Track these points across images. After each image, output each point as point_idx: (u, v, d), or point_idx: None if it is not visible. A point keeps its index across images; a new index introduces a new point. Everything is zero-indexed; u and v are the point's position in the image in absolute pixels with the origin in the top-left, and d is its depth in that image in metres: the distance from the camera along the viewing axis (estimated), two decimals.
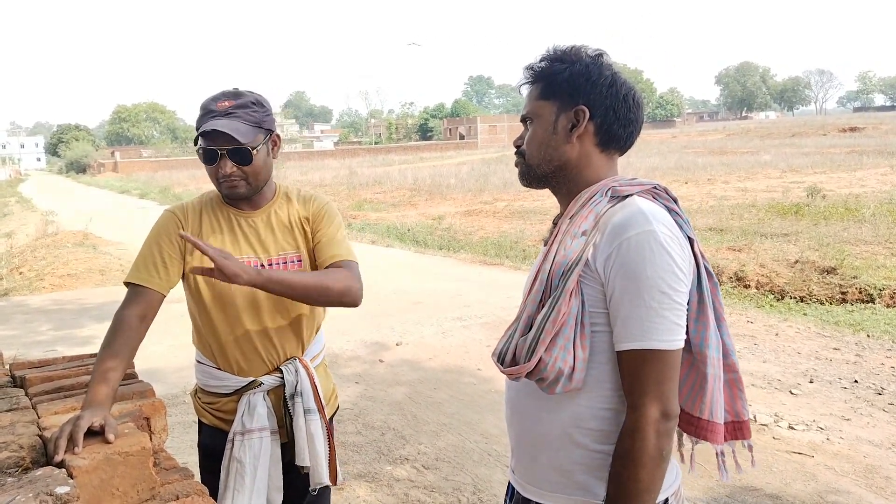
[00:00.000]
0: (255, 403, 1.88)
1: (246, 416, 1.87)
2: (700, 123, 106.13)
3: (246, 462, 1.84)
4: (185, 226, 1.89)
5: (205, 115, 1.82)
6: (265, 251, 1.90)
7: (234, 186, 1.84)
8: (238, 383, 1.90)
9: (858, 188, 15.27)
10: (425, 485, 3.56)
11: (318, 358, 2.04)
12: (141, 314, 1.74)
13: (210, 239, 1.88)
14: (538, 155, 1.42)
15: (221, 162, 1.81)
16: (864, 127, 46.03)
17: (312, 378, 1.93)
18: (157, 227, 1.90)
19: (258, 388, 1.90)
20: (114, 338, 1.66)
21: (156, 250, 1.84)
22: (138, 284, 1.78)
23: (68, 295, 8.81)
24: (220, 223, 1.91)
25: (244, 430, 1.86)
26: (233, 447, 1.86)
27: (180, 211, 1.93)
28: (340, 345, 6.08)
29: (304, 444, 1.88)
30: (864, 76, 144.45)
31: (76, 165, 68.07)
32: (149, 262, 1.82)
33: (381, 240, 12.73)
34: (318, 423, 1.90)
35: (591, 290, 1.30)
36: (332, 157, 57.75)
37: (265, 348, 1.91)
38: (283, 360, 1.93)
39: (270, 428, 1.89)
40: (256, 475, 1.84)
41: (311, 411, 1.90)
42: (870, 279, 7.46)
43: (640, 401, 1.25)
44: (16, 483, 1.13)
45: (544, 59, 1.43)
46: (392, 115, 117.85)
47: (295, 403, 1.90)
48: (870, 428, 4.08)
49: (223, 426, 1.93)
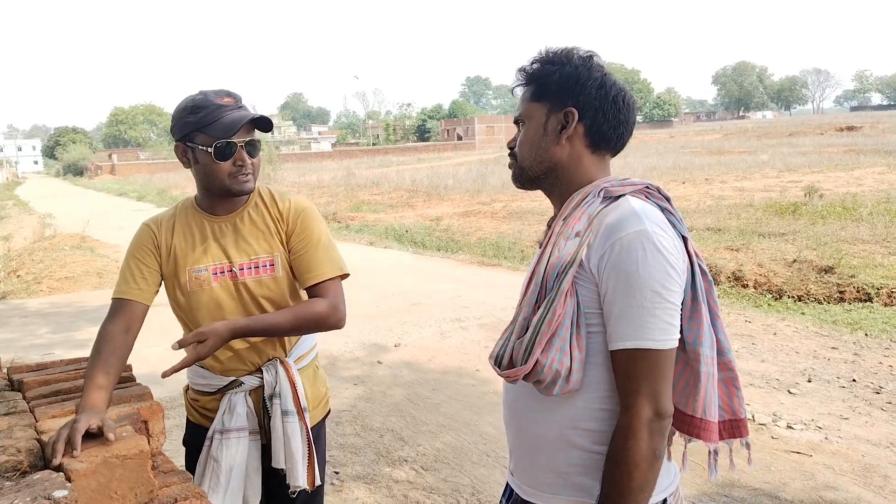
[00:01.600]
0: (235, 403, 1.90)
1: (226, 415, 1.89)
2: (697, 123, 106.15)
3: (222, 461, 1.85)
4: (159, 236, 1.92)
5: (216, 111, 1.81)
6: (238, 255, 1.91)
7: (248, 181, 1.87)
8: (220, 382, 1.92)
9: (856, 187, 15.28)
10: (424, 486, 3.56)
11: (305, 359, 2.03)
12: (124, 326, 1.76)
13: (181, 246, 1.91)
14: (529, 156, 1.43)
15: (239, 155, 1.83)
16: (861, 126, 46.07)
17: (292, 379, 1.92)
18: (134, 241, 1.94)
19: (239, 387, 1.91)
20: (100, 350, 1.68)
21: (133, 263, 1.88)
22: (120, 298, 1.82)
23: (66, 298, 8.79)
24: (192, 230, 1.93)
25: (223, 429, 1.87)
26: (210, 445, 1.88)
27: (154, 223, 1.96)
28: (339, 346, 6.08)
29: (279, 446, 1.88)
30: (861, 75, 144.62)
31: (73, 168, 68.00)
32: (128, 276, 1.86)
33: (379, 241, 12.73)
34: (296, 425, 1.89)
35: (585, 291, 1.30)
36: (329, 158, 57.77)
37: (244, 348, 1.92)
38: (265, 361, 1.94)
39: (250, 428, 1.90)
40: (232, 475, 1.85)
41: (289, 413, 1.89)
42: (867, 278, 7.47)
43: (633, 400, 1.25)
44: (14, 487, 1.13)
45: (536, 61, 1.43)
46: (390, 116, 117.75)
47: (273, 405, 1.90)
48: (868, 427, 4.08)
49: (206, 424, 1.94)
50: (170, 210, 2.01)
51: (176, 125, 1.87)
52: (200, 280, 1.89)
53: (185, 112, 1.84)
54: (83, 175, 62.32)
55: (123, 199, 29.58)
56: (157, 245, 1.91)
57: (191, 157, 1.87)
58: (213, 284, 1.89)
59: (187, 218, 1.95)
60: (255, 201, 1.97)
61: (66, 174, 68.60)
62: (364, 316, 7.09)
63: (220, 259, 1.90)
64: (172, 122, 1.90)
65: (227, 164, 1.82)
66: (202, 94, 1.86)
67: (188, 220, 1.94)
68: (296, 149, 74.57)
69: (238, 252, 1.91)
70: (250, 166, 1.86)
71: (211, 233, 1.92)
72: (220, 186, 1.86)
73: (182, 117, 1.85)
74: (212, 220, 1.94)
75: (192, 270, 1.89)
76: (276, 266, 1.93)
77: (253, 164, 1.87)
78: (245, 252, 1.91)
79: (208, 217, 1.94)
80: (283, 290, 1.95)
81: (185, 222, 1.94)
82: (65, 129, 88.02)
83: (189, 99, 1.86)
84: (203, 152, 1.82)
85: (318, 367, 2.13)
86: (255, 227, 1.94)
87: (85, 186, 44.96)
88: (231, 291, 1.90)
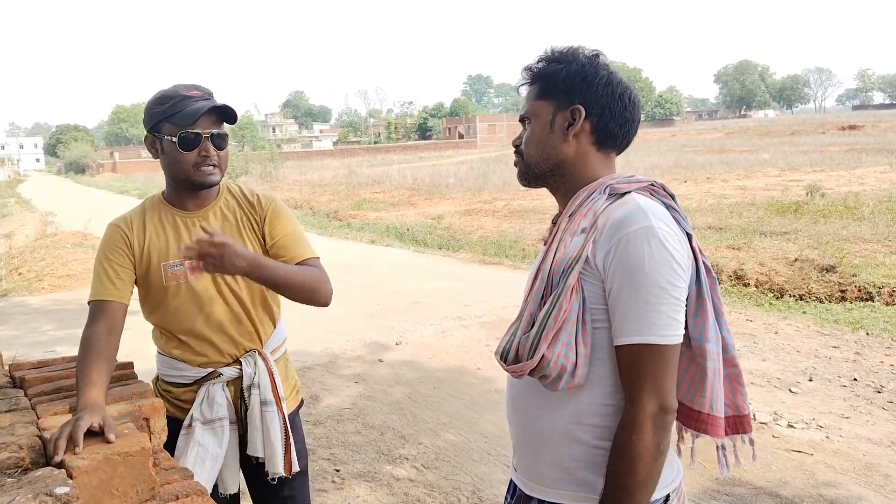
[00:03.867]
0: (213, 394, 1.91)
1: (205, 406, 1.90)
2: (699, 122, 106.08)
3: (209, 448, 1.88)
4: (131, 235, 1.91)
5: (182, 101, 1.82)
6: None
7: (213, 173, 1.87)
8: (197, 374, 1.93)
9: (857, 186, 15.26)
10: (425, 484, 3.56)
11: (279, 351, 2.06)
12: (107, 327, 1.76)
13: (154, 242, 1.90)
14: (536, 154, 1.44)
15: (204, 146, 1.84)
16: (863, 125, 45.99)
17: (271, 370, 1.96)
18: (104, 242, 1.92)
19: (217, 378, 1.93)
20: (86, 354, 1.66)
21: (106, 265, 1.87)
22: (98, 300, 1.81)
23: (68, 295, 8.81)
24: (164, 226, 1.93)
25: (205, 420, 1.89)
26: (193, 433, 1.88)
27: (123, 222, 1.93)
28: (340, 345, 6.09)
29: (257, 435, 1.91)
30: (863, 74, 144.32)
31: (75, 166, 68.10)
32: (103, 278, 1.85)
33: (380, 239, 12.73)
34: (274, 414, 1.93)
35: (591, 287, 1.32)
36: (331, 156, 57.76)
37: (222, 341, 1.93)
38: (242, 352, 1.96)
39: (230, 418, 1.92)
40: (217, 461, 1.89)
41: (267, 403, 1.93)
42: (869, 277, 7.46)
43: (638, 395, 1.26)
44: (15, 483, 1.14)
45: (542, 60, 1.44)
46: (391, 114, 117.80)
47: (251, 395, 1.92)
48: (869, 426, 4.08)
49: (179, 415, 1.94)
50: (137, 208, 1.99)
51: (146, 117, 1.89)
52: (177, 274, 1.89)
53: (153, 103, 1.86)
54: (85, 173, 62.40)
55: (125, 197, 29.57)
56: (130, 244, 1.90)
57: (158, 147, 1.88)
58: (188, 278, 1.89)
59: (158, 214, 1.94)
60: (225, 197, 1.98)
61: (67, 172, 68.66)
62: (365, 314, 7.10)
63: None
64: (144, 114, 1.92)
65: (192, 154, 1.83)
66: (173, 87, 1.89)
67: (159, 216, 1.94)
68: (297, 147, 74.58)
69: None
70: (215, 157, 1.86)
71: (185, 228, 1.92)
72: (185, 177, 1.86)
73: (151, 108, 1.87)
74: (183, 215, 1.94)
75: (167, 266, 1.89)
76: None
77: (219, 156, 1.87)
78: None
79: (179, 213, 1.94)
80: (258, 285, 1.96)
81: (157, 219, 1.94)
82: (67, 126, 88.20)
83: (159, 91, 1.88)
84: (168, 142, 1.83)
85: (288, 359, 2.16)
86: (227, 221, 1.95)
87: (86, 184, 45.01)
88: (209, 285, 1.91)
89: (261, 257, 1.77)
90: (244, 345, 1.96)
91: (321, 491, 3.49)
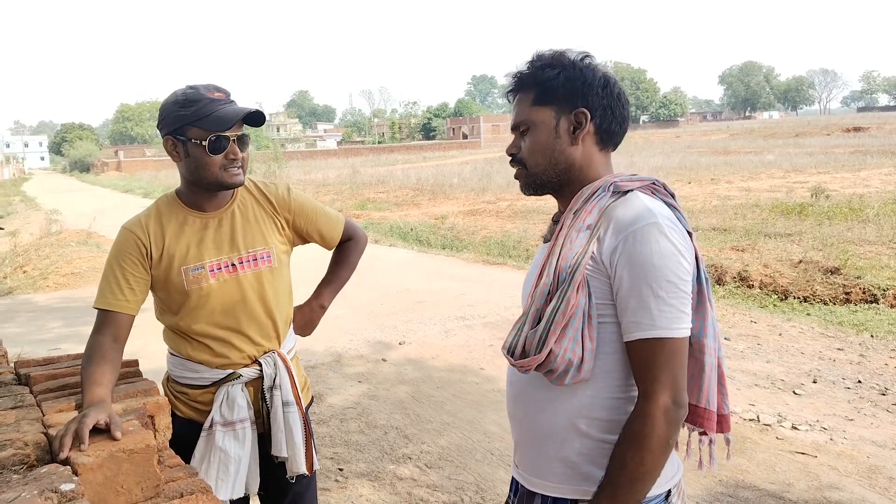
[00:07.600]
0: (234, 395, 1.90)
1: (225, 408, 1.89)
2: (703, 123, 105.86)
3: (231, 452, 1.87)
4: (147, 241, 1.86)
5: (209, 105, 1.80)
6: (234, 250, 1.91)
7: (239, 174, 1.87)
8: (216, 375, 1.91)
9: (862, 188, 15.22)
10: (428, 483, 3.56)
11: (292, 351, 2.07)
12: (113, 336, 1.75)
13: (173, 246, 1.87)
14: (543, 161, 1.43)
15: (231, 149, 1.83)
16: (867, 127, 45.89)
17: (290, 371, 1.96)
18: (117, 248, 1.87)
19: (237, 380, 1.91)
20: (91, 357, 1.66)
21: (119, 273, 1.82)
22: (106, 310, 1.79)
23: (73, 293, 8.84)
24: (182, 228, 1.90)
25: (226, 422, 1.88)
26: (214, 437, 1.87)
27: (138, 227, 1.88)
28: (344, 344, 6.09)
29: (281, 437, 1.92)
30: (869, 76, 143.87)
31: (80, 164, 68.29)
32: (113, 286, 1.81)
33: (384, 239, 12.73)
34: (296, 415, 1.94)
35: (597, 283, 1.33)
36: (335, 156, 57.80)
37: (243, 343, 1.92)
38: (261, 353, 1.95)
39: (250, 419, 1.92)
40: (241, 464, 1.88)
41: (289, 404, 1.94)
42: (873, 279, 7.44)
43: (652, 388, 1.27)
44: (21, 480, 1.14)
45: (532, 66, 1.43)
46: (395, 114, 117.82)
47: (273, 396, 1.93)
48: (873, 428, 4.07)
49: (197, 417, 1.93)
50: (150, 210, 1.94)
51: (167, 118, 1.84)
52: (198, 278, 1.86)
53: (176, 106, 1.81)
54: (89, 171, 62.59)
55: (129, 196, 29.66)
56: (146, 251, 1.85)
57: (181, 150, 1.84)
58: (210, 281, 1.87)
59: (175, 216, 1.90)
60: (242, 195, 1.98)
61: (72, 170, 68.82)
62: (369, 313, 7.11)
63: (218, 255, 1.89)
64: (161, 115, 1.86)
65: (220, 157, 1.82)
66: (192, 88, 1.84)
67: (175, 218, 1.90)
68: (301, 146, 74.57)
69: (237, 246, 1.91)
70: (241, 160, 1.86)
71: (203, 229, 1.90)
72: (213, 180, 1.84)
73: (173, 111, 1.82)
74: (202, 216, 1.91)
75: (189, 269, 1.86)
76: (272, 257, 1.95)
77: (243, 157, 1.87)
78: (242, 245, 1.91)
79: (197, 214, 1.91)
80: (282, 280, 1.98)
81: (174, 221, 1.90)
82: (71, 125, 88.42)
83: (180, 93, 1.83)
84: (195, 146, 1.81)
85: (298, 357, 2.16)
86: (247, 219, 1.95)
87: (91, 183, 45.10)
88: (232, 286, 1.89)
89: (326, 293, 2.24)
90: (264, 346, 1.95)
91: (325, 490, 3.49)
